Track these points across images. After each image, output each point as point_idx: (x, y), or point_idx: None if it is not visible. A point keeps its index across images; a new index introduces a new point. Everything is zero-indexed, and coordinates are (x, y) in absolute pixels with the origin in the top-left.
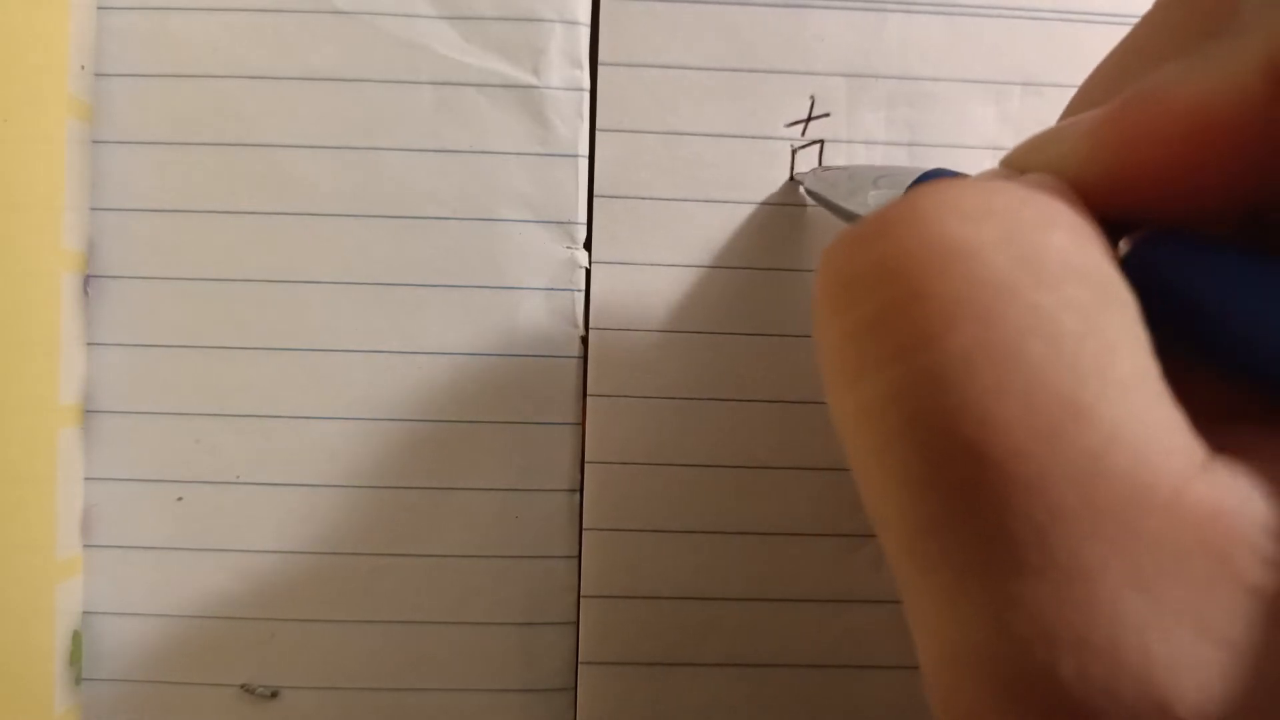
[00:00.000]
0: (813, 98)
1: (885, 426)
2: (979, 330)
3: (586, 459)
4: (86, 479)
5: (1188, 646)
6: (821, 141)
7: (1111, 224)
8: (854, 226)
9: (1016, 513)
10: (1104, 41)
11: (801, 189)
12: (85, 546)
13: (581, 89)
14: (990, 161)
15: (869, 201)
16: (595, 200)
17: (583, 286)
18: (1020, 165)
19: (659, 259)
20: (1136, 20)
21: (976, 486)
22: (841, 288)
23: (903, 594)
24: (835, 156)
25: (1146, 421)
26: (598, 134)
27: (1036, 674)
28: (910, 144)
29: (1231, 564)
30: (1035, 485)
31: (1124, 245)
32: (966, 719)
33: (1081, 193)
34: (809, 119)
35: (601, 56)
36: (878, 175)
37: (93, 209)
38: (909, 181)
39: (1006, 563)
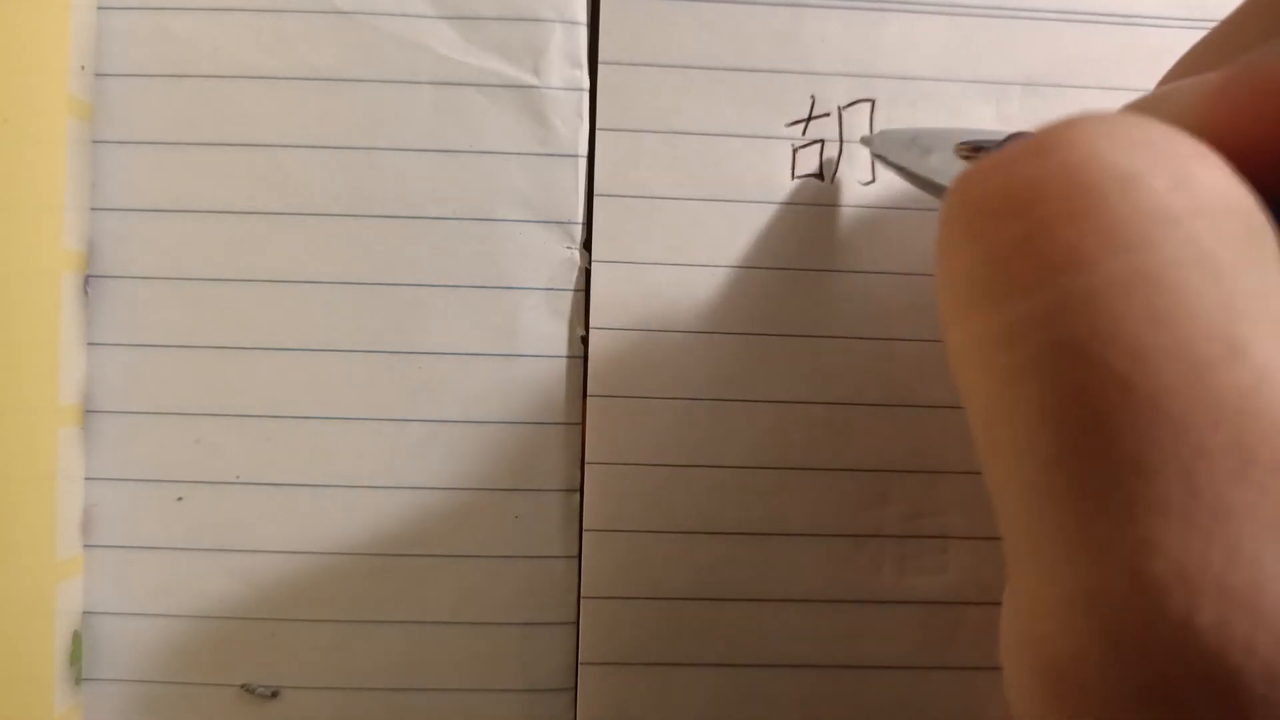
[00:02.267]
0: (813, 97)
1: (1026, 352)
2: (1137, 257)
3: (586, 459)
4: (86, 479)
5: None
6: (822, 141)
7: None
8: (1000, 152)
9: (1162, 449)
10: (1105, 42)
11: (869, 152)
12: (85, 546)
13: (581, 89)
14: None
15: (952, 169)
16: (595, 200)
17: (583, 286)
18: None
19: (659, 259)
20: (1135, 21)
21: (1121, 419)
22: (986, 208)
23: (1007, 536)
24: (834, 158)
25: None
26: (598, 134)
27: (1169, 622)
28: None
29: None
30: (1183, 421)
31: None
32: (1071, 672)
33: None
34: (809, 119)
35: (601, 56)
36: (949, 138)
37: (93, 209)
38: (969, 141)
39: (1148, 502)
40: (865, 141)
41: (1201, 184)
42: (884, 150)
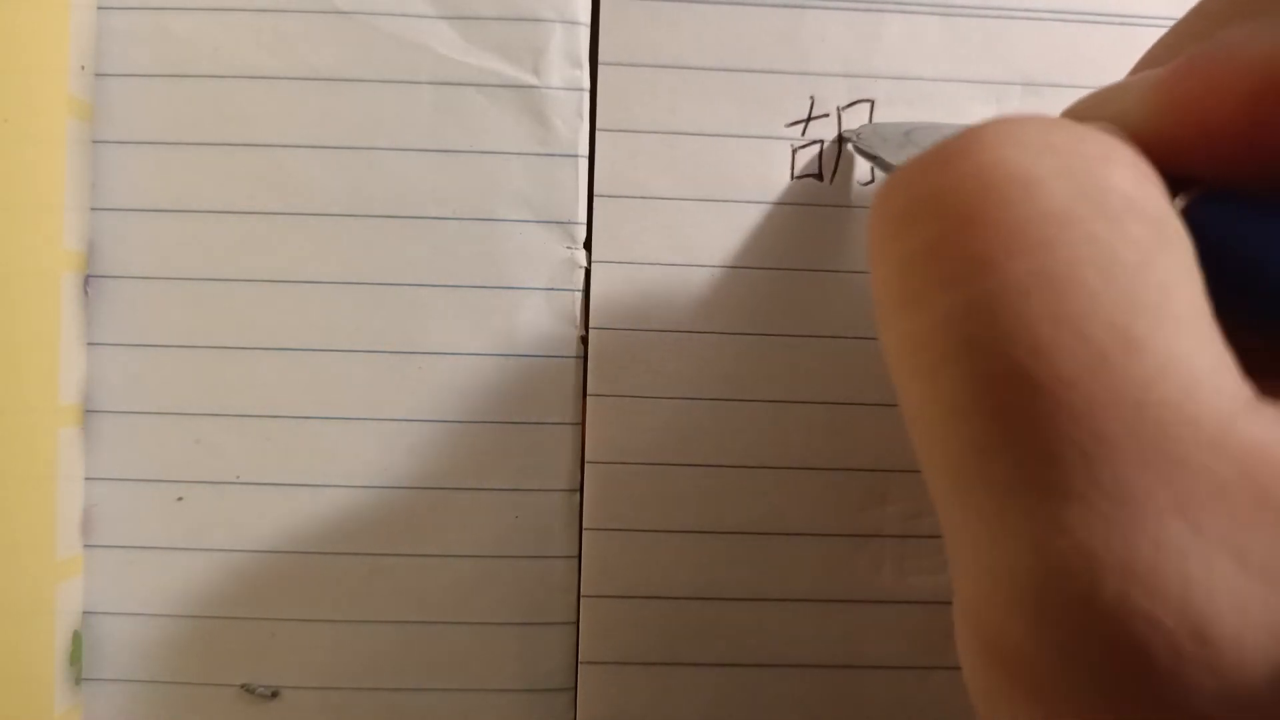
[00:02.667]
0: (812, 98)
1: (938, 350)
2: (1036, 259)
3: (586, 459)
4: (86, 479)
5: (1228, 576)
6: (822, 141)
7: (1168, 181)
8: (915, 158)
9: (1064, 439)
10: (1103, 42)
11: (849, 145)
12: (85, 546)
13: (581, 89)
14: None
15: None
16: (595, 200)
17: (583, 286)
18: (1081, 119)
19: (659, 259)
20: (1134, 21)
21: (1026, 412)
22: (900, 214)
23: (943, 520)
24: (833, 158)
25: (1197, 358)
26: (598, 134)
27: (1077, 597)
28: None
29: (1273, 499)
30: (1084, 412)
31: (1178, 203)
32: (1001, 643)
33: (1141, 148)
34: (808, 119)
35: (601, 56)
36: (933, 131)
37: (93, 209)
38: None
39: (1052, 487)
40: (850, 136)
41: (1105, 185)
42: (866, 144)
